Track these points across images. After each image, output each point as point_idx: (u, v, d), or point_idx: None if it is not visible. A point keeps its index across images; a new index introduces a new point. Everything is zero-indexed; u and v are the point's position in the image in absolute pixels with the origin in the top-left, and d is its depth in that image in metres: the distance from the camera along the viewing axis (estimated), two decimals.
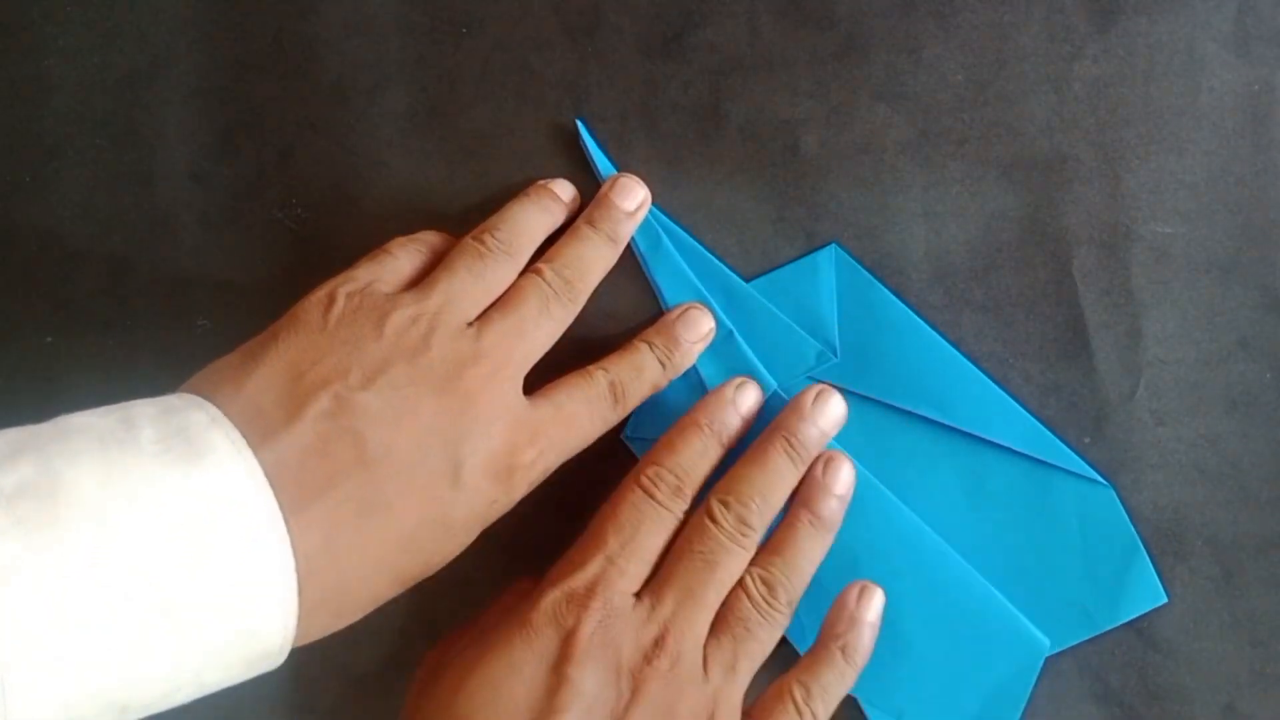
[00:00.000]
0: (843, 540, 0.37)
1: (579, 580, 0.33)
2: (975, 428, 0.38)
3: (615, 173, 0.39)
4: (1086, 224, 0.39)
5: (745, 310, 0.39)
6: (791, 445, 0.36)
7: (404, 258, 0.36)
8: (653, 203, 0.39)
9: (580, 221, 0.38)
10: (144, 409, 0.28)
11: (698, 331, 0.38)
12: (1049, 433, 0.38)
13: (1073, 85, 0.39)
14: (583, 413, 0.35)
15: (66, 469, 0.25)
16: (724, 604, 0.34)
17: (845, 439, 0.38)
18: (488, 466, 0.32)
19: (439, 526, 0.32)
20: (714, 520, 0.35)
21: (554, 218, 0.38)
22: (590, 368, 0.37)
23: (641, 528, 0.34)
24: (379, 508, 0.30)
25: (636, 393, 0.37)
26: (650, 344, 0.38)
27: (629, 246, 0.39)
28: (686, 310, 0.38)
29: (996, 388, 0.39)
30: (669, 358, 0.38)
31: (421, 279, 0.35)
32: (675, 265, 0.39)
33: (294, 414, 0.29)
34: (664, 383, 0.38)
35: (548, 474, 0.35)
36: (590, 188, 0.40)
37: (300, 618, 0.28)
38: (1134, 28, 0.39)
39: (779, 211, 0.40)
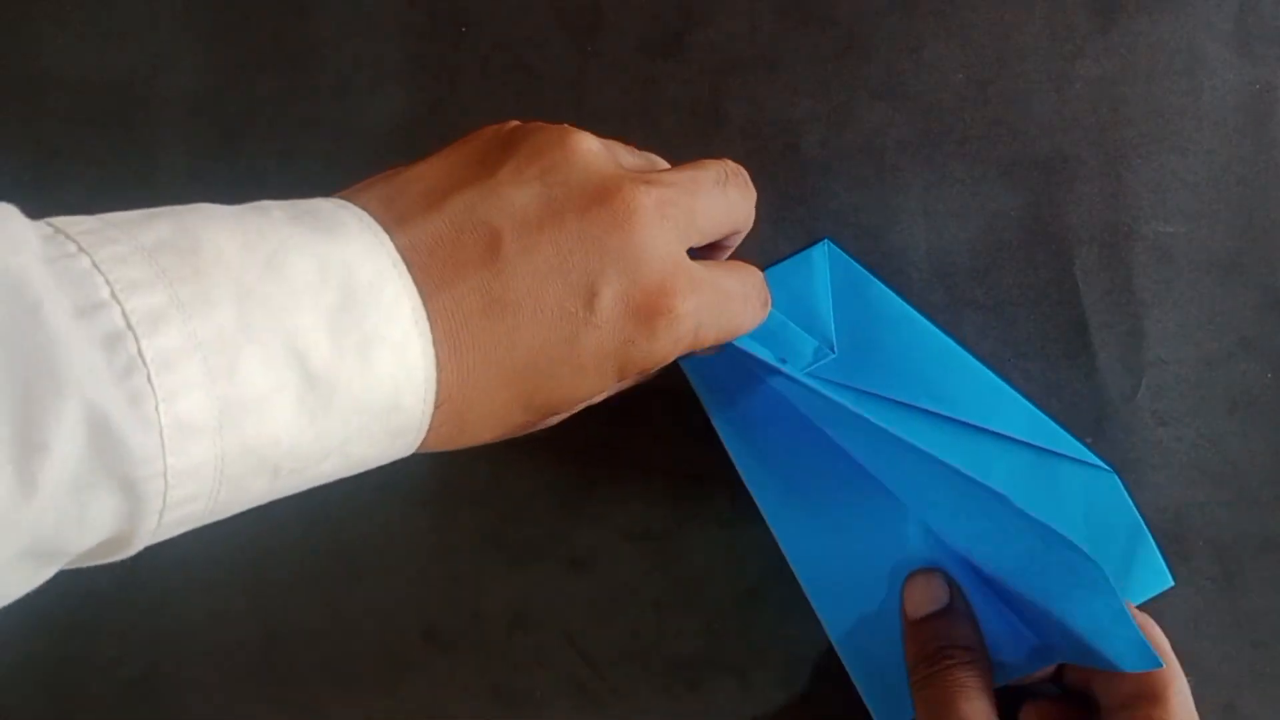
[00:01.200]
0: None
1: None
2: (976, 418, 0.38)
3: None
4: (1088, 223, 0.39)
5: None
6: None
7: (621, 151, 0.33)
8: None
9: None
10: (271, 202, 0.28)
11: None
12: (1050, 420, 0.38)
13: (1074, 84, 0.39)
14: (739, 293, 0.33)
15: (204, 230, 0.25)
16: None
17: (848, 435, 0.38)
18: (628, 297, 0.29)
19: (567, 348, 0.29)
20: None
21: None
22: (743, 261, 0.34)
23: None
24: (507, 308, 0.28)
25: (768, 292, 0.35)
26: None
27: None
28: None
29: (996, 378, 0.38)
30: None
31: None
32: None
33: (435, 203, 0.28)
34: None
35: (697, 345, 0.32)
36: None
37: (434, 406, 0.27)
38: (1135, 27, 0.39)
39: (779, 211, 0.40)
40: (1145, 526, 0.38)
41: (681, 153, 0.39)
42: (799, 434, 0.38)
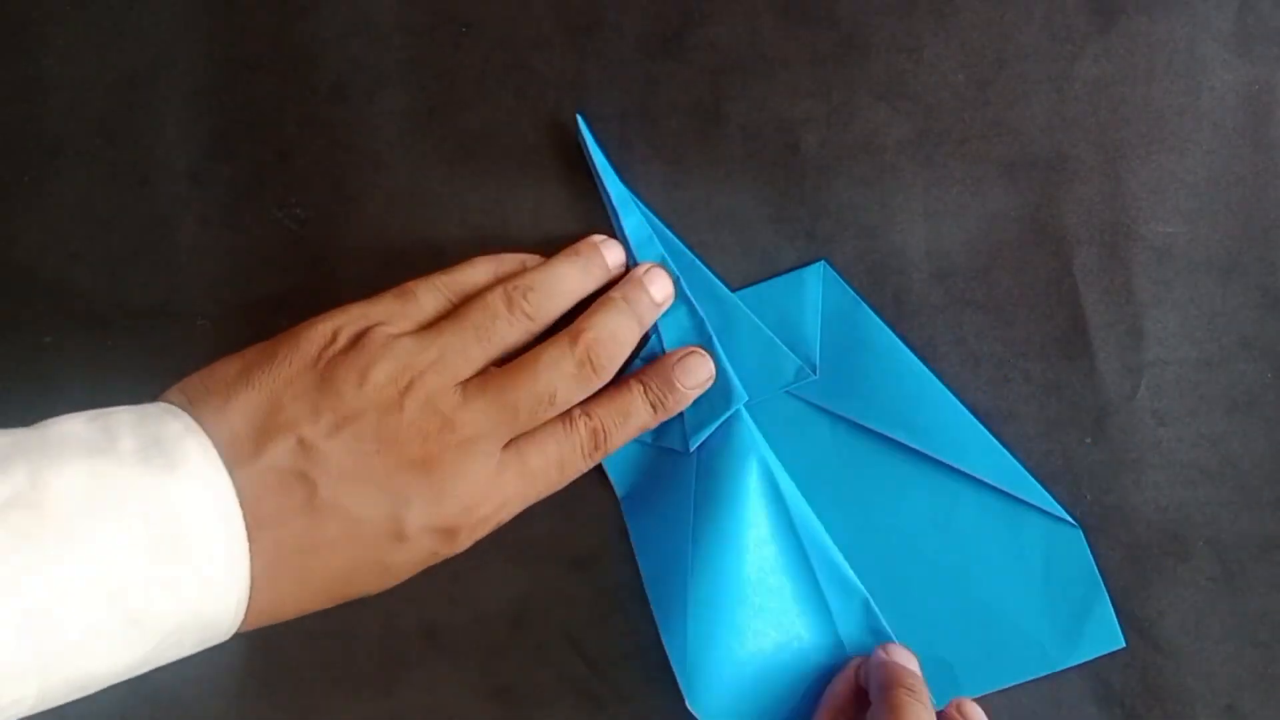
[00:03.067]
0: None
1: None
2: (949, 457, 0.38)
3: (644, 261, 0.39)
4: (1087, 224, 0.39)
5: (729, 320, 0.39)
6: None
7: (427, 300, 0.36)
8: (652, 203, 0.39)
9: (614, 293, 0.37)
10: (122, 416, 0.30)
11: (696, 378, 0.38)
12: (1023, 469, 0.38)
13: (1073, 85, 0.39)
14: (553, 466, 0.35)
15: (55, 480, 0.27)
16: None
17: (819, 459, 0.38)
18: (433, 526, 0.33)
19: (376, 567, 0.33)
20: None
21: (594, 282, 0.38)
22: (574, 410, 0.36)
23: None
24: (320, 548, 0.31)
25: (619, 438, 0.37)
26: (645, 386, 0.37)
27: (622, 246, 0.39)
28: (687, 355, 0.38)
29: (974, 419, 0.39)
30: (662, 402, 0.37)
31: (441, 320, 0.35)
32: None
33: (261, 447, 0.31)
34: (652, 425, 0.38)
35: (502, 524, 0.35)
36: (588, 186, 0.40)
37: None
38: (1135, 27, 0.39)
39: (779, 211, 0.39)
40: (1103, 585, 0.38)
41: (681, 153, 0.40)
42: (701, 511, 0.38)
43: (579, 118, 0.39)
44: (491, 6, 0.40)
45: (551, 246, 0.38)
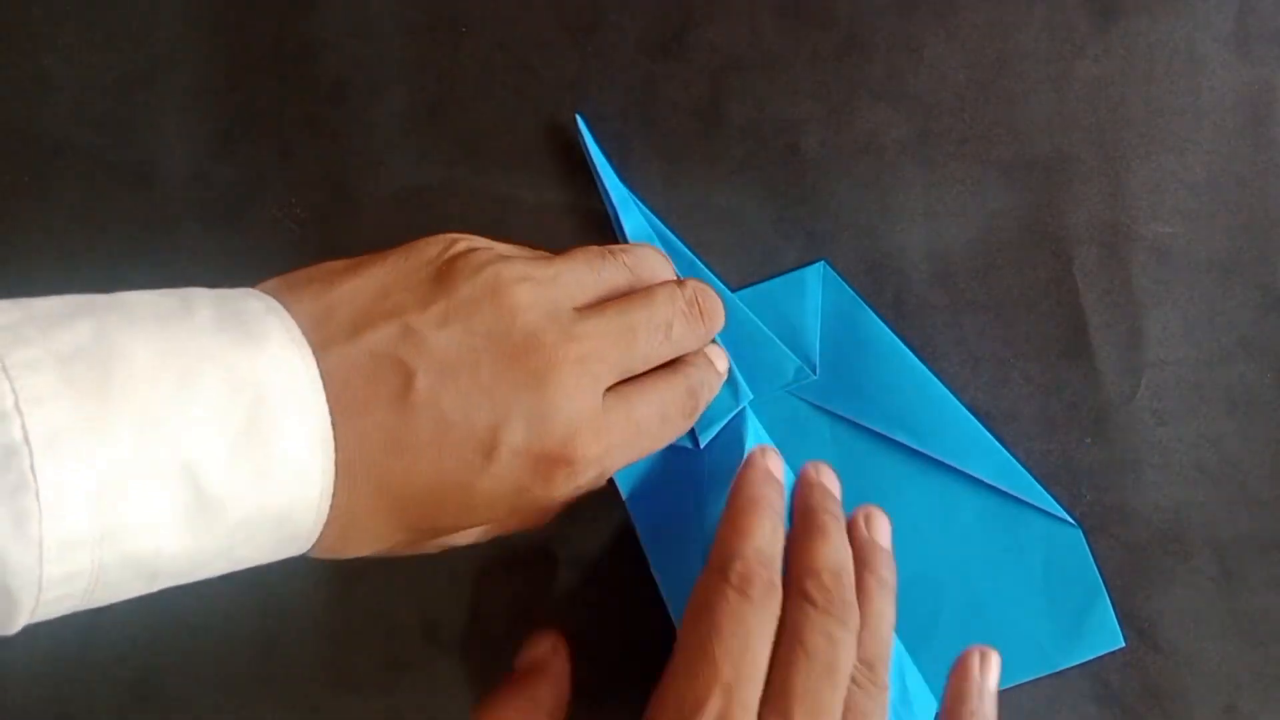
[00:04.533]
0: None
1: None
2: (950, 458, 0.38)
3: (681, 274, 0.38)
4: (1087, 224, 0.39)
5: (729, 319, 0.39)
6: (832, 510, 0.34)
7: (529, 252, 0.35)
8: (652, 203, 0.39)
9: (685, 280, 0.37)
10: (200, 291, 0.28)
11: (721, 363, 0.37)
12: (1023, 469, 0.38)
13: (1073, 85, 0.39)
14: (656, 417, 0.33)
15: (122, 336, 0.25)
16: None
17: (818, 459, 0.38)
18: (528, 451, 0.30)
19: (460, 491, 0.30)
20: (816, 606, 0.31)
21: (670, 275, 0.37)
22: (677, 363, 0.35)
23: (751, 641, 0.30)
24: (406, 450, 0.28)
25: (708, 400, 0.36)
26: (692, 363, 0.36)
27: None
28: (710, 347, 0.37)
29: (974, 419, 0.39)
30: (711, 377, 0.36)
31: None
32: None
33: (359, 329, 0.28)
34: (711, 399, 0.37)
35: (603, 479, 0.33)
36: (588, 186, 0.40)
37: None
38: (1134, 27, 0.39)
39: (779, 211, 0.40)
40: (1104, 585, 0.38)
41: (681, 152, 0.40)
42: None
43: (579, 118, 0.39)
44: (491, 6, 0.40)
45: (552, 246, 0.38)
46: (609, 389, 0.32)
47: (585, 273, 0.33)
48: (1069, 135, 0.39)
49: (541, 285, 0.31)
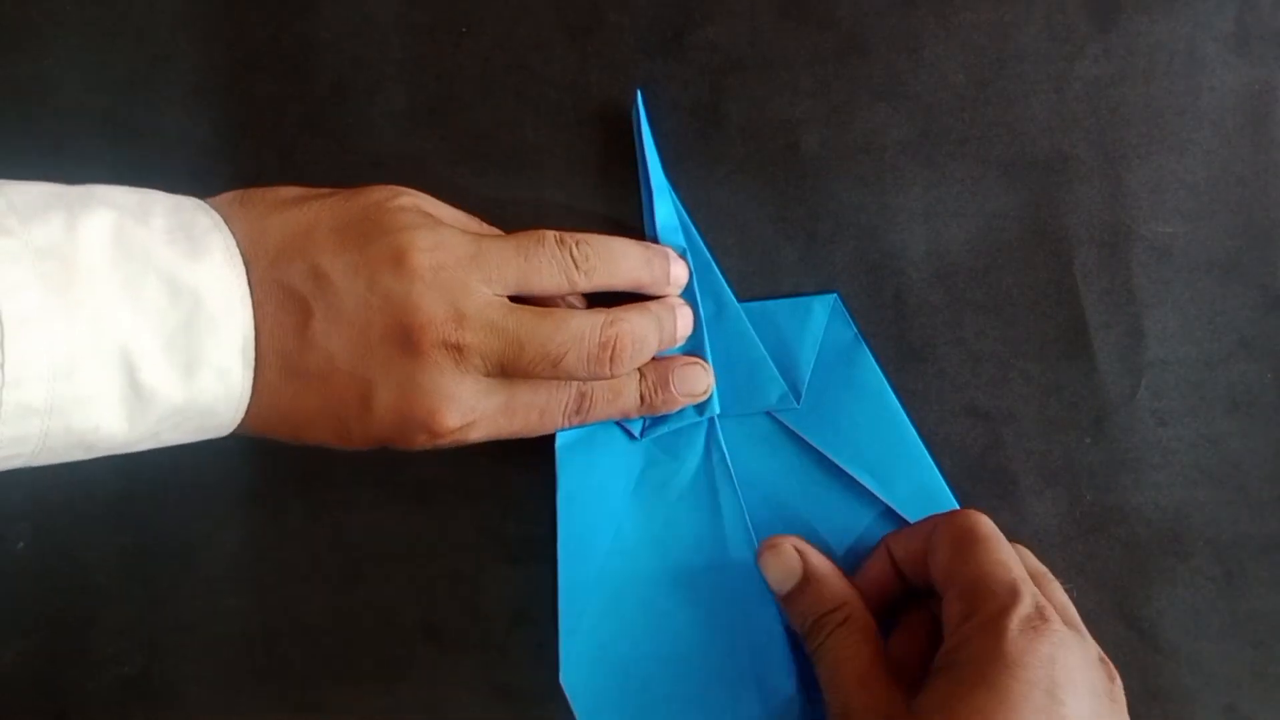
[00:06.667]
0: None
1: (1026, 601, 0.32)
2: (907, 511, 0.38)
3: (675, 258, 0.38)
4: (1087, 224, 0.39)
5: (727, 329, 0.39)
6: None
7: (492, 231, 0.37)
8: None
9: (651, 305, 0.37)
10: (159, 196, 0.31)
11: (692, 388, 0.37)
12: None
13: (1073, 85, 0.39)
14: (535, 410, 0.35)
15: (87, 234, 0.28)
16: None
17: (779, 482, 0.39)
18: (395, 410, 0.32)
19: (336, 424, 0.33)
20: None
21: (647, 278, 0.37)
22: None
23: None
24: (297, 375, 0.32)
25: (601, 413, 0.36)
26: (643, 376, 0.37)
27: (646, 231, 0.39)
28: (691, 364, 0.37)
29: (942, 481, 0.38)
30: (652, 397, 0.37)
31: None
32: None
33: (278, 259, 0.32)
34: (633, 416, 0.37)
35: (463, 444, 0.35)
36: (588, 187, 0.39)
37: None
38: (1134, 27, 0.39)
39: (779, 211, 0.40)
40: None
41: (681, 153, 0.40)
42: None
43: (639, 95, 0.38)
44: (491, 6, 0.40)
45: None
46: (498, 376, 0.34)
47: (511, 256, 0.34)
48: (1069, 135, 0.39)
49: (455, 260, 0.33)
